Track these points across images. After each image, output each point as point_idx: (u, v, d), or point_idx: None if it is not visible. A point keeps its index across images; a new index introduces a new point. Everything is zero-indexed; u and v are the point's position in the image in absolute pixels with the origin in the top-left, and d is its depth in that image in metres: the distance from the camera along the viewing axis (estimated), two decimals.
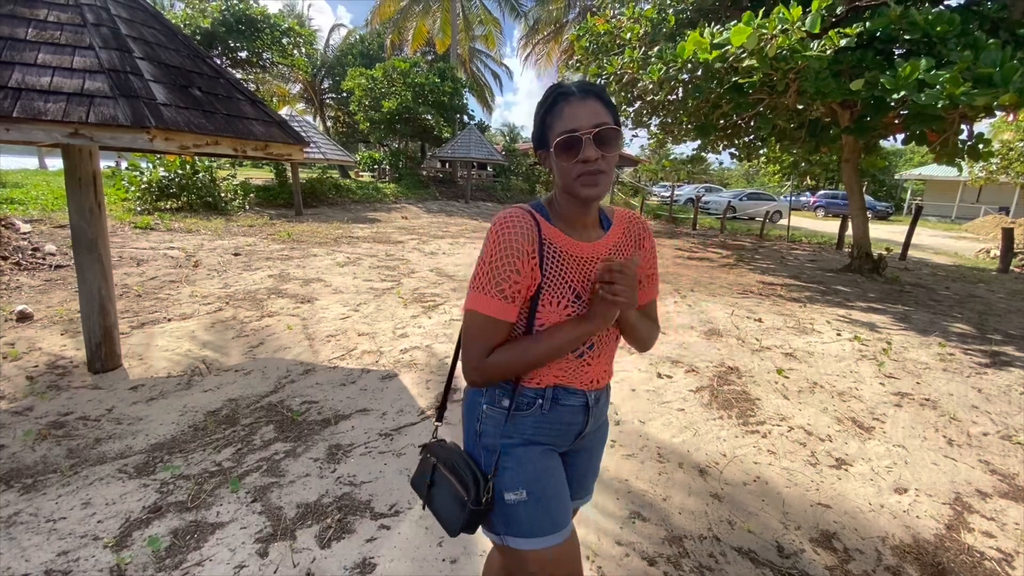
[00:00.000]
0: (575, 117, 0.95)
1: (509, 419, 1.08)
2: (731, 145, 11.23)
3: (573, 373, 1.09)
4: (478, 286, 0.99)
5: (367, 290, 5.94)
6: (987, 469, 2.73)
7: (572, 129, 0.95)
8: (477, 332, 1.01)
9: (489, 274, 0.98)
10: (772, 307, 5.81)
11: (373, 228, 11.12)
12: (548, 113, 1.00)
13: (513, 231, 0.98)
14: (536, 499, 1.05)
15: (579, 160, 0.95)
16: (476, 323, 1.01)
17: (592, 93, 0.98)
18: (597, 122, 0.95)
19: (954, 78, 4.82)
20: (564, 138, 0.96)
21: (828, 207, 27.48)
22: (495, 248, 0.98)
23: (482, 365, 1.01)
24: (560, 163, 0.98)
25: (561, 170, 0.99)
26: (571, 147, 0.96)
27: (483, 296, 0.99)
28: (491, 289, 0.98)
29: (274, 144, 3.32)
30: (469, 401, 1.16)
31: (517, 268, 0.97)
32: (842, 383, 3.71)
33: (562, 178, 1.00)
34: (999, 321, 5.72)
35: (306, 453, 2.63)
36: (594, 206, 1.08)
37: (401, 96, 18.45)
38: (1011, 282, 8.88)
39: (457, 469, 1.09)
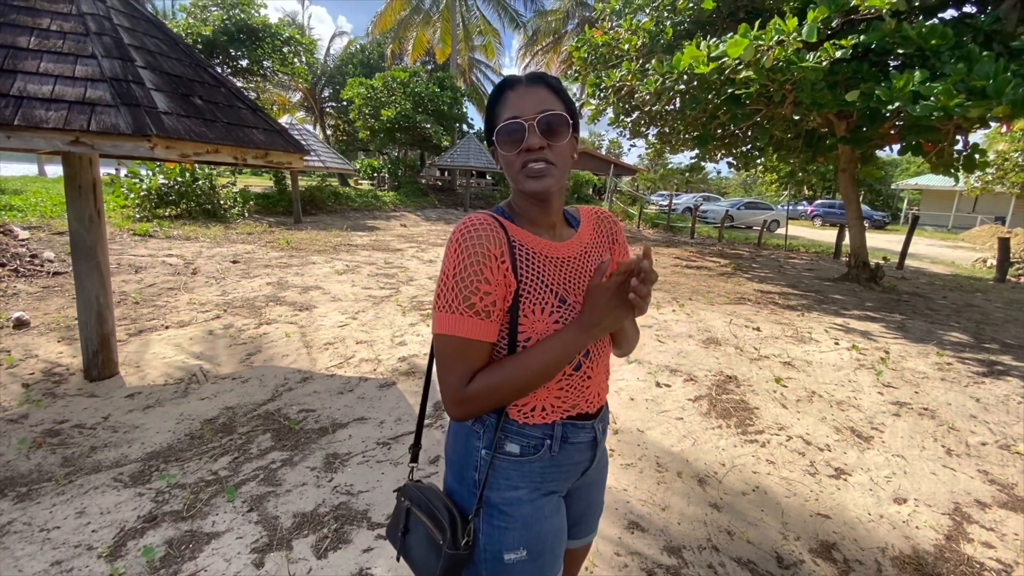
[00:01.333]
0: (519, 105, 0.87)
1: (516, 468, 0.96)
2: (729, 155, 11.32)
3: (576, 391, 0.97)
4: (444, 305, 0.86)
5: (365, 298, 5.93)
6: (986, 479, 2.73)
7: (513, 116, 0.87)
8: (451, 358, 0.87)
9: (454, 289, 0.84)
10: (770, 316, 5.82)
11: (372, 236, 11.14)
12: (495, 104, 0.91)
13: (475, 235, 0.85)
14: (534, 558, 0.96)
15: (522, 149, 0.87)
16: (448, 348, 0.87)
17: (542, 81, 0.91)
18: (543, 108, 0.87)
19: (948, 90, 4.87)
20: (505, 125, 0.87)
21: (826, 216, 27.62)
22: (457, 258, 0.84)
23: (463, 395, 0.86)
24: (504, 154, 0.89)
25: (506, 162, 0.90)
26: (513, 135, 0.87)
27: (451, 316, 0.85)
28: (459, 305, 0.85)
29: (274, 152, 3.33)
30: (461, 443, 1.00)
31: (485, 277, 0.84)
32: (840, 392, 3.71)
33: (507, 171, 0.91)
34: (996, 330, 5.74)
35: (303, 462, 2.62)
36: (555, 204, 0.96)
37: (401, 105, 18.55)
38: (1008, 291, 8.92)
39: (433, 511, 0.96)
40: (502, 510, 0.94)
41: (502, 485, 0.95)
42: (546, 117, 0.87)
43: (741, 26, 5.31)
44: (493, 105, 0.92)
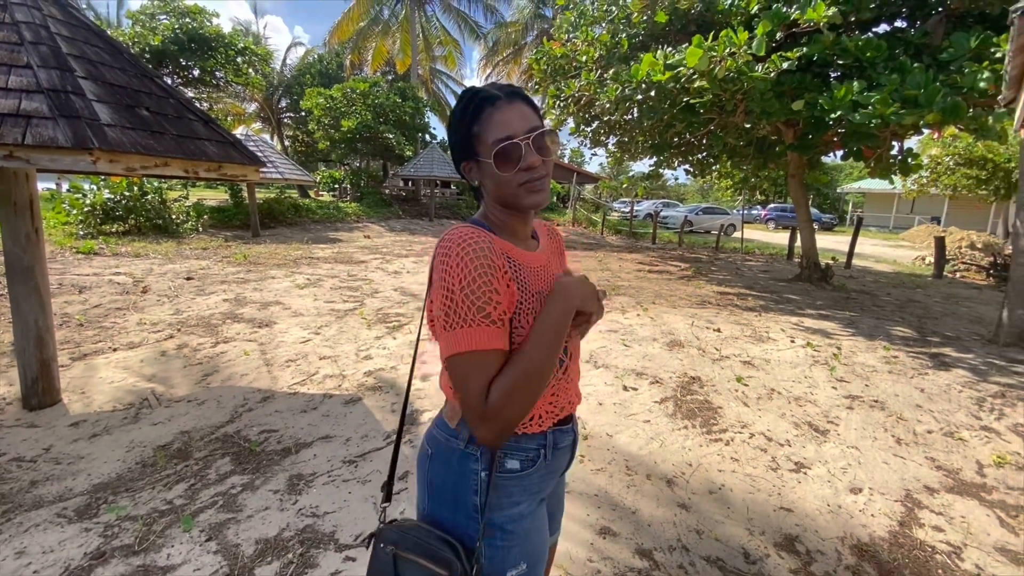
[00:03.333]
0: (509, 123, 0.88)
1: (518, 483, 0.94)
2: (685, 162, 11.67)
3: (563, 393, 0.99)
4: (456, 321, 0.81)
5: (328, 312, 5.80)
6: (933, 465, 2.88)
7: (508, 136, 0.88)
8: (472, 376, 0.81)
9: (465, 302, 0.81)
10: (729, 317, 6.01)
11: (334, 248, 10.91)
12: (474, 121, 0.90)
13: (478, 247, 0.83)
14: (532, 567, 0.96)
15: (522, 168, 0.88)
16: (467, 367, 0.81)
17: (517, 95, 0.92)
18: (530, 126, 0.89)
19: (884, 99, 5.18)
20: (504, 146, 0.87)
21: (778, 220, 28.81)
22: (463, 271, 0.81)
23: (493, 411, 0.80)
24: (499, 173, 0.89)
25: (500, 181, 0.90)
26: (511, 155, 0.88)
27: (466, 330, 0.81)
28: (474, 317, 0.81)
29: (228, 165, 3.22)
30: (454, 469, 0.94)
31: (495, 287, 0.83)
32: (798, 388, 3.86)
33: (502, 189, 0.91)
34: (936, 324, 6.10)
35: (265, 485, 2.52)
36: (532, 215, 0.99)
37: (361, 116, 18.34)
38: (945, 287, 9.51)
39: (429, 548, 0.89)
40: (505, 529, 0.93)
41: (504, 504, 0.93)
42: (539, 134, 0.89)
43: (695, 37, 5.52)
44: (471, 121, 0.91)
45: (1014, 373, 4.28)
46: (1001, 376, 4.20)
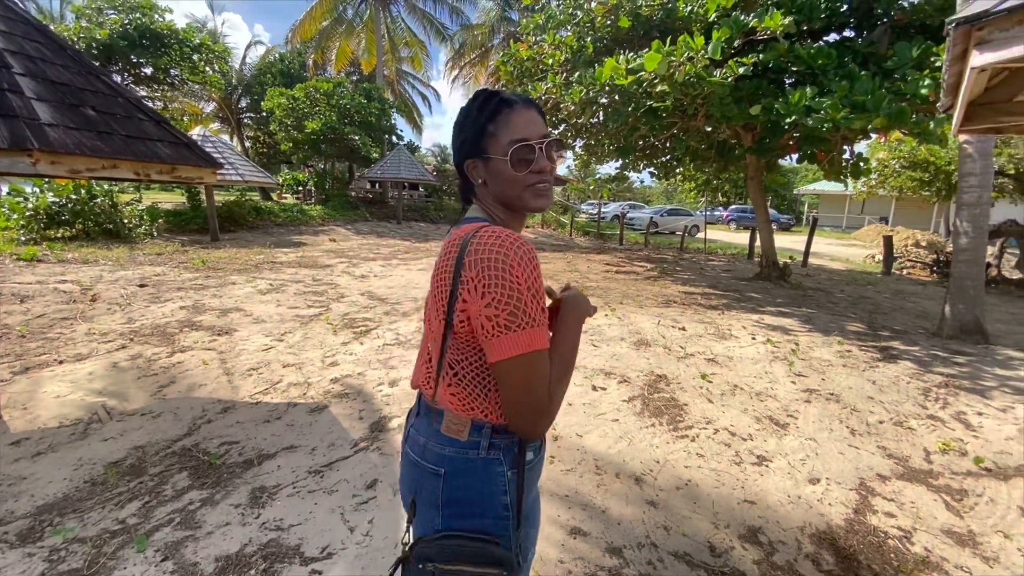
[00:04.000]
0: (525, 126, 0.92)
1: (532, 472, 0.99)
2: (650, 164, 11.91)
3: None
4: (527, 321, 0.82)
5: (292, 318, 5.65)
6: (885, 454, 3.02)
7: (525, 138, 0.91)
8: (539, 374, 0.85)
9: (533, 301, 0.83)
10: (694, 316, 6.16)
11: (299, 252, 10.65)
12: (491, 120, 0.93)
13: (532, 249, 0.86)
14: (533, 543, 1.04)
15: (534, 171, 0.92)
16: (536, 366, 0.84)
17: (532, 104, 0.97)
18: (543, 133, 0.94)
19: (835, 104, 5.42)
20: (520, 147, 0.91)
21: (739, 220, 29.77)
22: (528, 270, 0.83)
23: (553, 407, 0.87)
24: (512, 173, 0.92)
25: (510, 180, 0.93)
26: (525, 157, 0.92)
27: (537, 329, 0.84)
28: (540, 317, 0.84)
29: (183, 167, 3.10)
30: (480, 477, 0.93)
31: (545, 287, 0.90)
32: (759, 384, 3.98)
33: (509, 189, 0.94)
34: (886, 319, 6.41)
35: (226, 499, 2.43)
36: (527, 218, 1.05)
37: (325, 116, 17.97)
38: (893, 283, 10.01)
39: (474, 552, 0.89)
40: (528, 516, 0.99)
41: (528, 496, 0.98)
42: (552, 142, 0.95)
43: (655, 43, 5.64)
44: (487, 120, 0.94)
45: (955, 364, 4.54)
46: (944, 367, 4.44)
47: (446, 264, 0.91)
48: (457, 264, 0.88)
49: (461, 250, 0.87)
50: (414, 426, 1.03)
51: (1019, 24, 1.14)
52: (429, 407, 0.99)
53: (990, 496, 2.60)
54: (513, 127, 0.92)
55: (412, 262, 9.92)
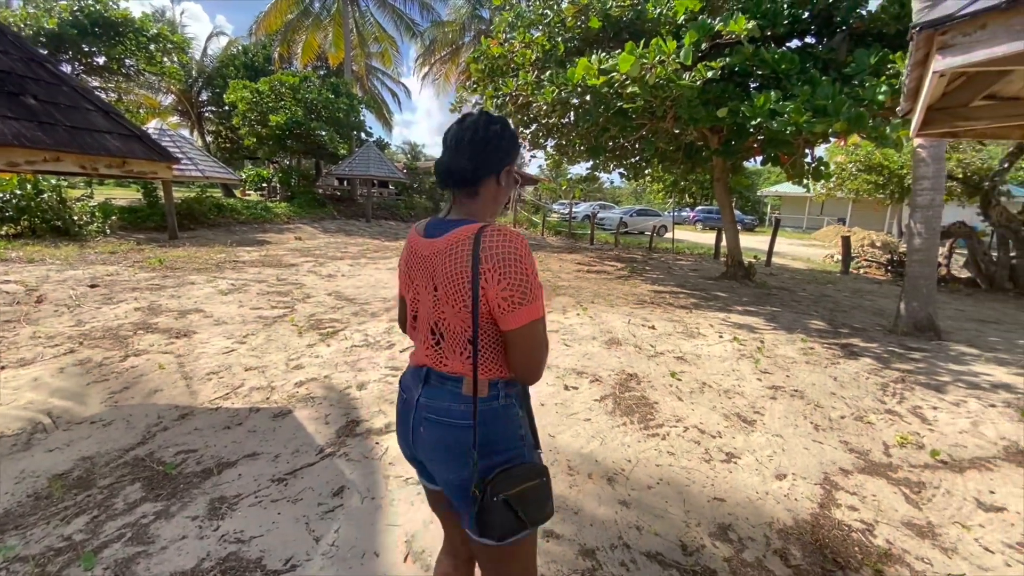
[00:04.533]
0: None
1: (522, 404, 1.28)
2: (620, 165, 12.05)
3: None
4: (536, 295, 1.12)
5: (255, 319, 5.45)
6: (847, 448, 3.11)
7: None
8: (542, 334, 1.16)
9: (536, 280, 1.13)
10: (663, 314, 6.24)
11: (263, 251, 10.32)
12: (516, 146, 1.26)
13: (528, 243, 1.16)
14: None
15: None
16: (542, 327, 1.16)
17: None
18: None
19: (797, 108, 5.57)
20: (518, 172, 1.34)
21: (705, 221, 30.49)
22: (532, 260, 1.13)
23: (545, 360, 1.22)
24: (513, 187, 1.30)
25: (508, 192, 1.30)
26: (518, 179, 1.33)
27: (541, 301, 1.14)
28: (541, 295, 1.14)
29: (134, 160, 2.94)
30: (503, 420, 1.19)
31: None
32: (727, 381, 4.05)
33: (506, 197, 1.30)
34: (845, 316, 6.64)
35: (182, 512, 2.31)
36: None
37: (291, 111, 17.49)
38: (852, 282, 10.40)
39: (522, 473, 1.15)
40: (527, 437, 1.25)
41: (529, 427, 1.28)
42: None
43: (628, 44, 5.68)
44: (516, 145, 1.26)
45: (911, 360, 4.73)
46: (901, 363, 4.62)
47: (460, 259, 1.12)
48: (474, 259, 1.09)
49: (475, 247, 1.10)
50: (425, 396, 1.21)
51: (981, 29, 1.17)
52: (443, 376, 1.20)
53: (947, 488, 2.70)
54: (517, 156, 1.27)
55: (382, 261, 9.74)
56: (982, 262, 9.57)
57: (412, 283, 1.24)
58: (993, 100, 2.44)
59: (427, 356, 1.23)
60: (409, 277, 1.26)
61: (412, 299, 1.26)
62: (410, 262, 1.25)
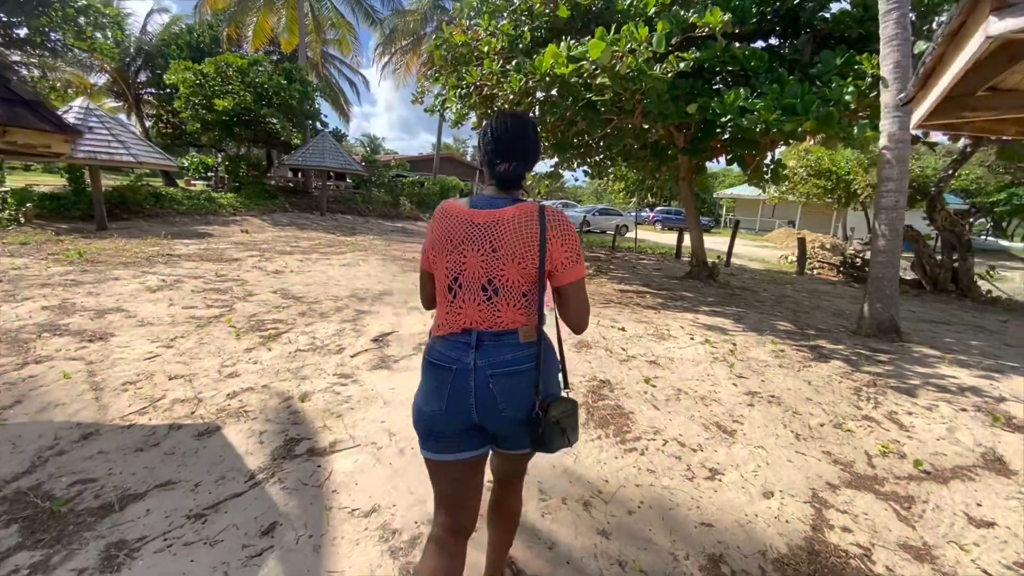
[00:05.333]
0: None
1: None
2: (584, 163, 11.88)
3: None
4: (581, 258, 1.41)
5: (187, 320, 4.88)
6: (830, 460, 2.94)
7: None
8: (586, 290, 1.46)
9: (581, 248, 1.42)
10: (632, 315, 6.05)
11: (203, 244, 9.52)
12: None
13: None
14: None
15: None
16: (584, 284, 1.45)
17: None
18: None
19: (767, 105, 5.47)
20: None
21: (664, 221, 31.04)
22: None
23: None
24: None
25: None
26: None
27: (584, 264, 1.44)
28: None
29: (17, 131, 2.41)
30: (552, 358, 1.46)
31: None
32: (702, 387, 3.85)
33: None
34: (809, 317, 6.65)
35: (67, 562, 1.86)
36: None
37: (239, 96, 16.42)
38: (808, 283, 10.62)
39: (569, 405, 1.40)
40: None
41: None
42: None
43: (598, 30, 5.43)
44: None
45: (879, 362, 4.69)
46: (870, 365, 4.57)
47: (531, 227, 1.34)
48: (542, 227, 1.34)
49: (541, 218, 1.35)
50: (482, 356, 1.34)
51: None
52: (498, 334, 1.36)
53: (935, 503, 2.56)
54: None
55: (335, 256, 9.16)
56: (927, 264, 9.94)
57: (456, 249, 1.37)
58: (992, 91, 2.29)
59: (478, 315, 1.36)
60: (452, 244, 1.37)
61: (455, 264, 1.37)
62: (456, 230, 1.37)
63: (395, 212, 20.81)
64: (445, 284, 1.38)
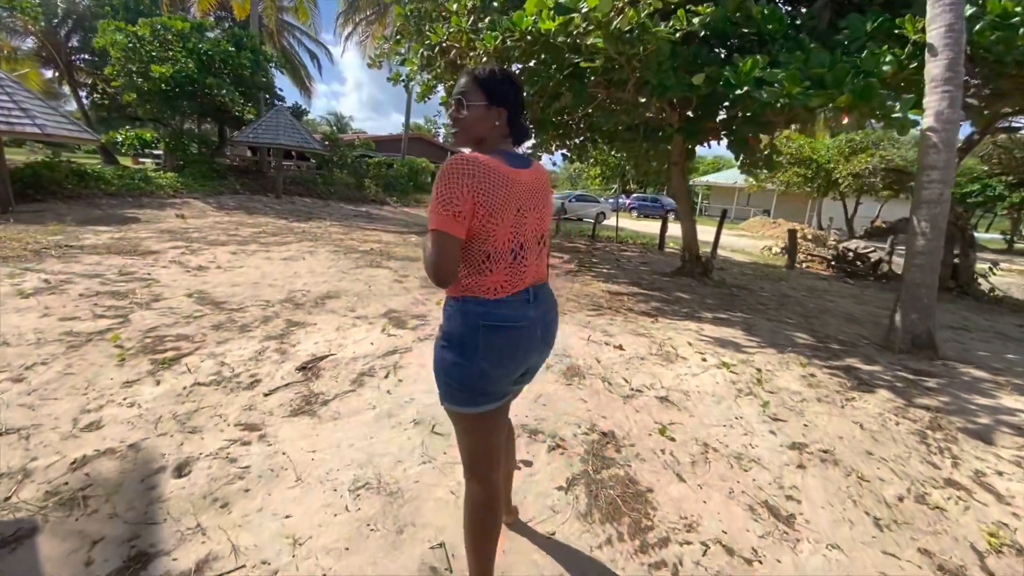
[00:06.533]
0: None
1: None
2: (563, 146, 10.86)
3: None
4: None
5: (58, 337, 3.70)
6: (934, 566, 2.06)
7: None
8: None
9: None
10: (627, 325, 5.11)
11: (119, 232, 8.11)
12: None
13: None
14: None
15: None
16: None
17: (467, 73, 1.45)
18: (459, 91, 1.43)
19: (792, 76, 4.54)
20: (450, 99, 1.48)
21: (640, 209, 30.35)
22: None
23: None
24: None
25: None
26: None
27: None
28: None
29: None
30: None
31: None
32: (734, 438, 2.93)
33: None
34: (822, 324, 5.85)
35: None
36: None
37: (181, 63, 14.68)
38: (801, 278, 9.93)
39: None
40: None
41: None
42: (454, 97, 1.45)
43: None
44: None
45: (929, 390, 3.88)
46: (921, 396, 3.75)
47: (548, 182, 1.54)
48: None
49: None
50: (536, 308, 1.46)
51: None
52: (543, 284, 1.54)
53: None
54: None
55: (276, 248, 7.90)
56: None
57: (520, 215, 1.38)
58: None
59: (536, 272, 1.47)
60: (516, 211, 1.37)
61: (519, 229, 1.38)
62: (517, 196, 1.37)
63: (359, 195, 19.37)
64: (508, 248, 1.37)
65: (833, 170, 20.49)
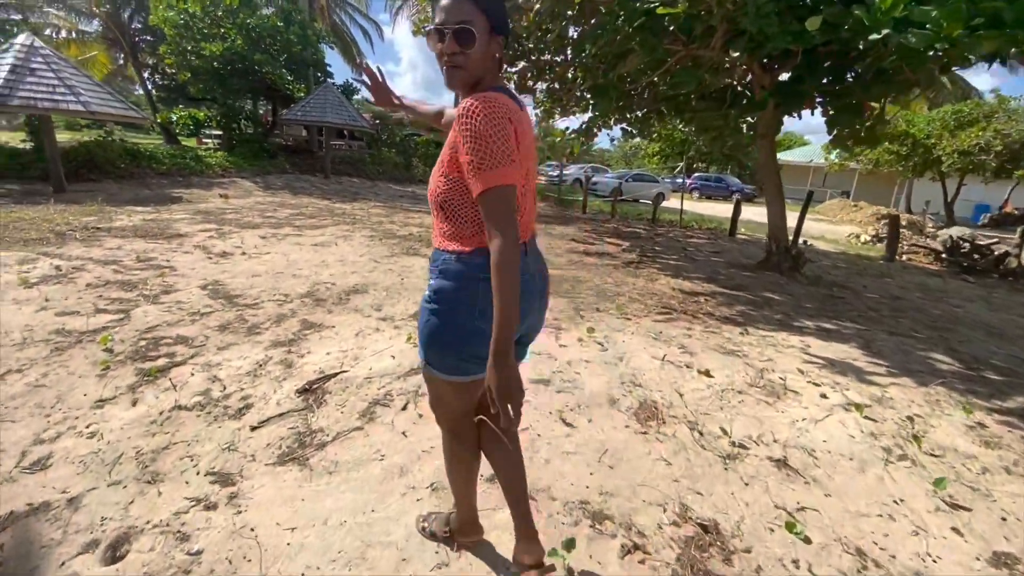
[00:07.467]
0: (440, 12, 1.15)
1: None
2: (622, 120, 9.67)
3: None
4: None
5: (46, 336, 3.22)
6: None
7: (438, 23, 1.16)
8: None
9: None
10: (709, 338, 4.12)
11: (154, 213, 7.82)
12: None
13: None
14: None
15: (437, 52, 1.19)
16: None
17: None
18: (441, 20, 1.14)
19: (954, 10, 3.34)
20: (428, 30, 1.18)
21: (702, 189, 28.27)
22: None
23: None
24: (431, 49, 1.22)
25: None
26: (431, 38, 1.20)
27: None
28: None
29: None
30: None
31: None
32: (900, 542, 1.97)
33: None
34: (960, 340, 4.61)
35: None
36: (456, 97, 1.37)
37: (231, 40, 14.49)
38: (907, 274, 8.43)
39: None
40: None
41: None
42: (432, 30, 1.18)
43: None
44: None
45: None
46: None
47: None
48: None
49: None
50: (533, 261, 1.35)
51: None
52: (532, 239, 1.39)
53: None
54: (435, 12, 1.17)
55: (310, 231, 7.34)
56: None
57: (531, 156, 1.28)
58: None
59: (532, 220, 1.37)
60: (531, 148, 1.28)
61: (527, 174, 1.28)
62: (531, 134, 1.27)
63: (406, 175, 18.86)
64: (522, 192, 1.25)
65: (934, 146, 17.95)
